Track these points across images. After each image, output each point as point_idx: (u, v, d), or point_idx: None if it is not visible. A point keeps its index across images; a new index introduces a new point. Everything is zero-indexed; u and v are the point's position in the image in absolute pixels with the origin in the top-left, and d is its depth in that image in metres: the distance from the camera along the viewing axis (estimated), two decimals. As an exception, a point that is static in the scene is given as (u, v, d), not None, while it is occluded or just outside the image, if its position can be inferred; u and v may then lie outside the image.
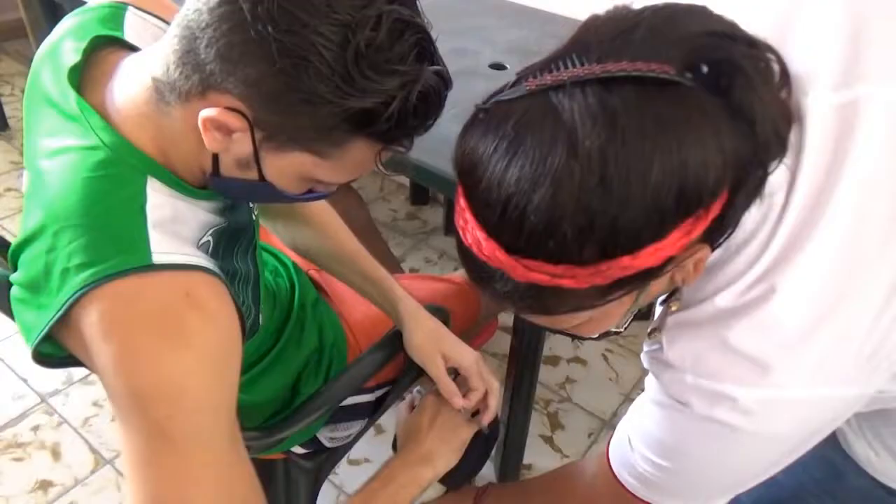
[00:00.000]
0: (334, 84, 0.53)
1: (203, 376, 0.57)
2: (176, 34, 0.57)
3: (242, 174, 0.61)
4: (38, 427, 1.48)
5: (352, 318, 1.07)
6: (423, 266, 2.01)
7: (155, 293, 0.57)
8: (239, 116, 0.55)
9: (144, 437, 0.56)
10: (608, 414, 1.60)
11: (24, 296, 0.62)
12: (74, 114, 0.62)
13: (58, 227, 0.58)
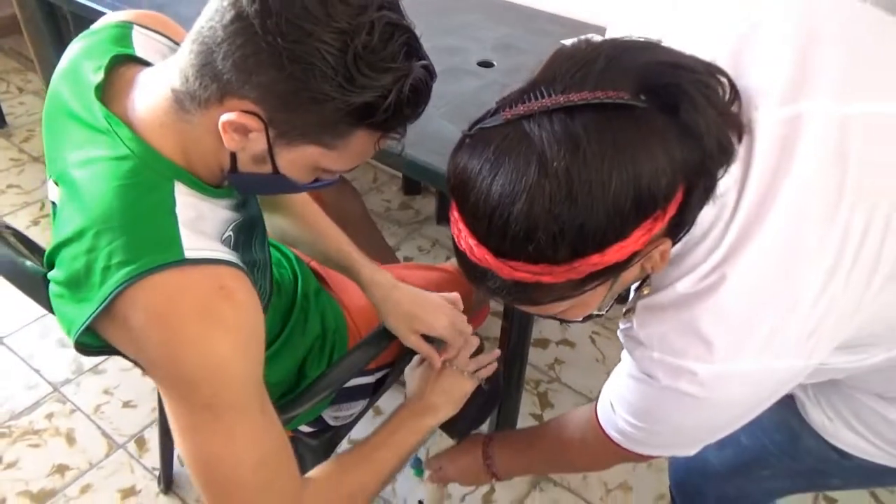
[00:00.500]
0: (337, 83, 0.60)
1: (240, 357, 0.66)
2: (192, 49, 0.64)
3: (258, 168, 0.69)
4: (52, 415, 1.55)
5: (352, 305, 1.14)
6: (417, 255, 2.08)
7: (192, 287, 0.65)
8: (255, 118, 0.63)
9: (193, 412, 0.66)
10: (595, 393, 1.67)
11: (62, 292, 0.69)
12: (102, 127, 0.69)
13: (97, 230, 0.65)
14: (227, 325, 0.65)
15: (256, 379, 0.70)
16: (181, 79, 0.66)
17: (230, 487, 0.69)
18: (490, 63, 1.49)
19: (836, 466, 0.84)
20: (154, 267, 0.63)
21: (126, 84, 0.72)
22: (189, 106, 0.66)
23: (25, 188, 2.25)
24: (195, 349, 0.64)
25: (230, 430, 0.67)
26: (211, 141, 0.67)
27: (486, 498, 1.44)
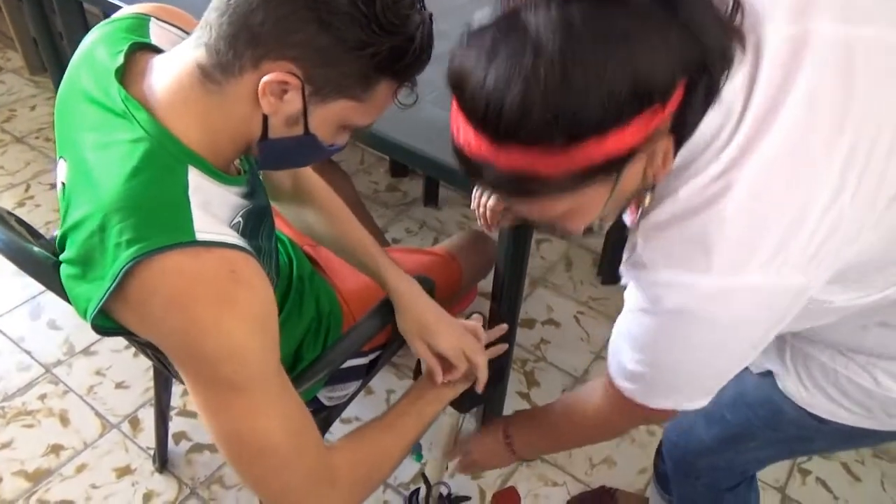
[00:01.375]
0: (371, 30, 0.66)
1: (256, 337, 0.69)
2: (222, 22, 0.68)
3: (289, 131, 0.73)
4: (45, 396, 1.56)
5: (345, 289, 1.16)
6: (405, 236, 2.10)
7: (206, 271, 0.67)
8: (294, 77, 0.68)
9: (216, 391, 0.70)
10: (580, 371, 1.73)
11: (75, 272, 0.71)
12: (119, 110, 0.71)
13: (109, 210, 0.67)
14: (241, 308, 0.68)
15: (274, 354, 0.73)
16: (210, 52, 0.69)
17: (263, 459, 0.72)
18: (479, 48, 1.50)
19: (816, 432, 0.88)
20: (165, 246, 0.65)
21: (143, 69, 0.75)
22: (220, 77, 0.70)
23: (9, 169, 2.23)
24: (213, 333, 0.66)
25: (255, 405, 0.70)
26: (242, 109, 0.71)
27: (475, 475, 1.48)
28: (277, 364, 0.74)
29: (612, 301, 1.91)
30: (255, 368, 0.70)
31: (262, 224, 0.85)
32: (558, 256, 2.08)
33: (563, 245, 2.12)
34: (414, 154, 1.18)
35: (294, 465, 0.74)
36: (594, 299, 1.93)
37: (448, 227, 2.15)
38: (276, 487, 0.74)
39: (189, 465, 1.47)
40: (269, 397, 0.72)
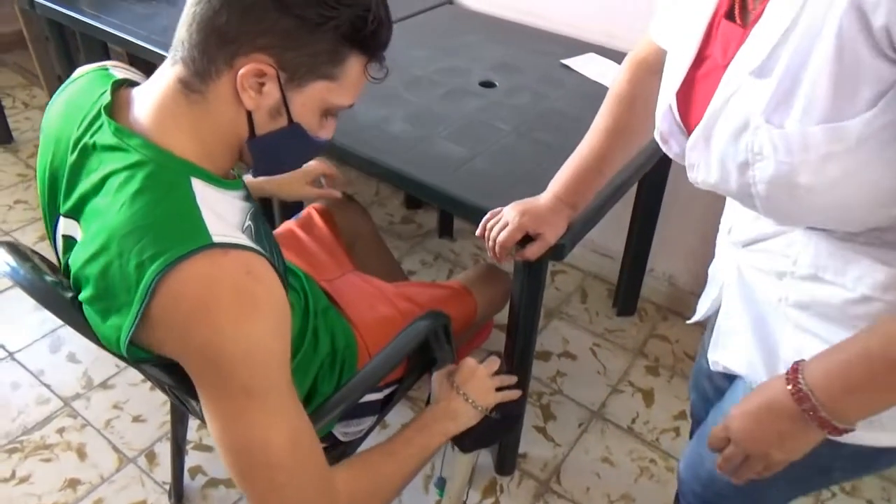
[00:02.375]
0: (328, 5, 0.71)
1: (272, 337, 0.71)
2: (190, 33, 0.73)
3: (274, 124, 0.77)
4: (63, 429, 1.57)
5: (361, 322, 1.17)
6: (419, 268, 2.11)
7: (225, 273, 0.69)
8: (267, 65, 0.72)
9: (230, 397, 0.71)
10: (597, 405, 1.71)
11: (99, 306, 0.73)
12: (110, 143, 0.74)
13: (123, 234, 0.70)
14: (260, 307, 0.70)
15: (287, 361, 0.75)
16: (187, 64, 0.74)
17: (269, 472, 0.73)
18: (492, 83, 1.53)
19: (833, 459, 0.84)
20: (186, 253, 0.67)
21: (126, 101, 0.79)
22: (200, 86, 0.74)
23: (32, 204, 2.28)
24: (232, 336, 0.68)
25: (266, 412, 0.72)
26: (226, 111, 0.75)
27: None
28: (289, 373, 0.76)
29: (627, 333, 1.90)
30: (271, 374, 0.72)
31: (263, 226, 0.87)
32: (573, 287, 2.07)
33: (579, 276, 2.11)
34: (428, 188, 1.19)
35: (298, 482, 0.75)
36: (610, 331, 1.91)
37: (463, 258, 2.15)
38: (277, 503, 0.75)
39: (205, 500, 1.46)
40: (282, 408, 0.73)
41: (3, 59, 3.10)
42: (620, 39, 1.73)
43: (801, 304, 0.78)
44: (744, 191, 0.69)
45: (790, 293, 0.79)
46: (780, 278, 0.80)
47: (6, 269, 0.78)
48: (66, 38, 2.07)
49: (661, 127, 0.79)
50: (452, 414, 1.00)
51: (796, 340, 0.81)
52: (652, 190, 1.71)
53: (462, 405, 1.01)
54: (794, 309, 0.79)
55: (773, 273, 0.81)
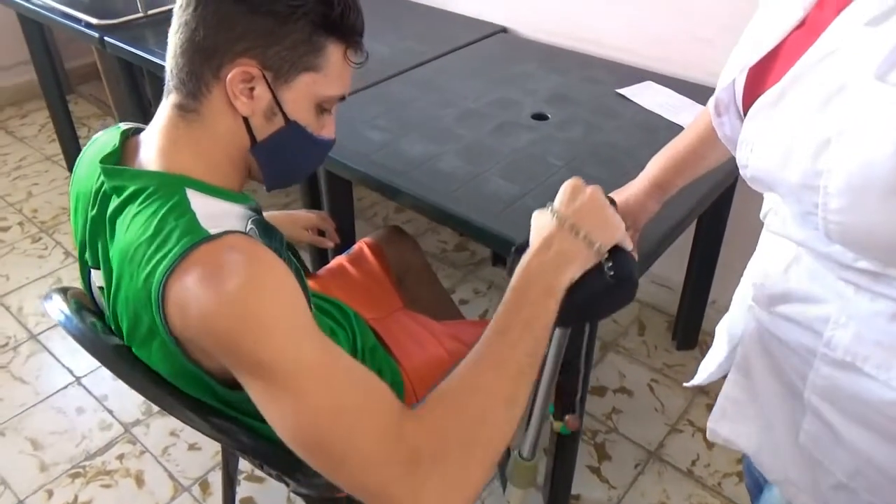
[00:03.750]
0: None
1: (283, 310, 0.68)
2: (175, 59, 0.77)
3: (272, 126, 0.80)
4: (123, 455, 1.62)
5: (409, 365, 1.15)
6: (472, 297, 2.09)
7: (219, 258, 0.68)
8: (251, 67, 0.75)
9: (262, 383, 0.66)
10: (654, 444, 1.64)
11: (137, 338, 0.75)
12: (111, 186, 0.76)
13: (131, 254, 0.71)
14: (268, 280, 0.68)
15: (305, 323, 0.68)
16: (179, 89, 0.78)
17: (323, 446, 0.65)
18: (544, 115, 1.50)
19: None
20: (184, 251, 0.68)
21: (134, 148, 0.82)
22: (194, 105, 0.77)
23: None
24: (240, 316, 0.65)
25: (298, 387, 0.65)
26: (224, 124, 0.78)
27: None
28: (311, 335, 0.68)
29: (687, 368, 1.82)
30: (289, 349, 0.65)
31: (275, 233, 0.83)
32: (630, 319, 2.01)
33: (636, 307, 2.05)
34: (477, 228, 1.17)
35: (353, 447, 0.64)
36: (669, 366, 1.84)
37: (516, 287, 2.12)
38: (355, 483, 0.65)
39: (255, 532, 1.48)
40: (311, 374, 0.65)
41: (80, 91, 3.26)
42: (679, 66, 1.68)
43: (828, 394, 0.67)
44: (808, 182, 0.54)
45: (817, 378, 0.68)
46: (807, 358, 0.68)
47: (60, 318, 0.81)
48: (135, 74, 2.16)
49: (720, 95, 0.69)
50: (562, 256, 0.71)
51: (815, 430, 0.70)
52: (715, 216, 1.65)
53: (572, 242, 0.71)
54: (818, 398, 0.68)
55: (800, 348, 0.69)
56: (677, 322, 1.92)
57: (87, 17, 1.90)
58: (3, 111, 3.11)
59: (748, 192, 0.69)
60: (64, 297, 0.84)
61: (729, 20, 1.55)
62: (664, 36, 1.68)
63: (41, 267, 2.19)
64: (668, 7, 1.65)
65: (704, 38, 1.61)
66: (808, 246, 0.66)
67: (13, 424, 1.68)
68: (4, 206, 2.47)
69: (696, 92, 1.58)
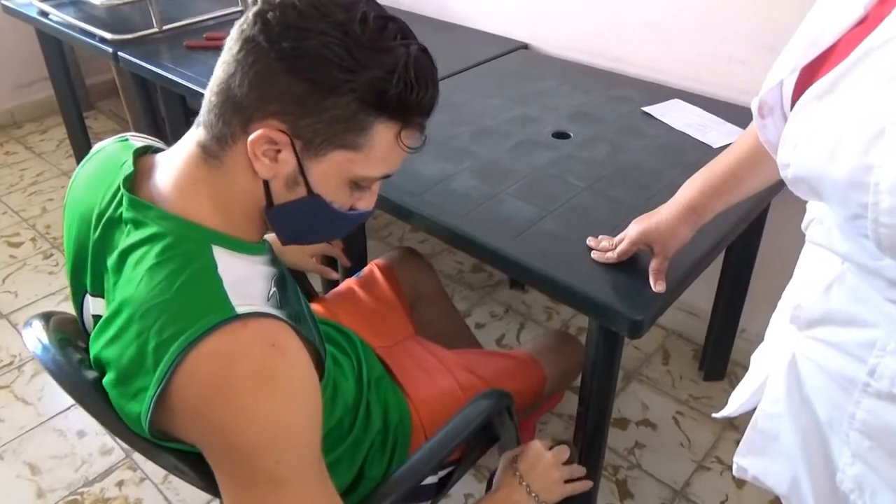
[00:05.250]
0: (345, 68, 0.64)
1: (299, 417, 0.65)
2: (211, 100, 0.69)
3: (292, 194, 0.71)
4: (122, 482, 1.56)
5: (417, 397, 1.08)
6: (489, 321, 2.02)
7: (245, 349, 0.63)
8: (280, 132, 0.66)
9: (253, 486, 0.64)
10: (680, 483, 1.55)
11: (119, 391, 0.68)
12: (130, 217, 0.70)
13: (142, 311, 0.64)
14: (283, 384, 0.64)
15: (316, 443, 0.68)
16: (206, 128, 0.70)
17: None
18: (566, 134, 1.43)
19: None
20: (207, 330, 0.62)
21: (149, 168, 0.75)
22: (217, 151, 0.70)
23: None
24: (255, 414, 0.62)
25: (292, 501, 0.65)
26: (243, 180, 0.70)
27: None
28: (318, 458, 0.69)
29: (715, 401, 1.72)
30: (296, 455, 0.65)
31: (290, 287, 0.80)
32: (655, 347, 1.92)
33: (661, 334, 1.96)
34: (491, 252, 1.10)
35: None
36: (695, 398, 1.75)
37: (534, 311, 2.04)
38: None
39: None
40: (311, 492, 0.67)
41: (100, 107, 3.27)
42: (709, 84, 1.60)
43: (871, 430, 0.61)
44: (857, 179, 0.49)
45: (858, 411, 0.61)
46: (848, 388, 0.62)
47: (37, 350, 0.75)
48: (150, 90, 2.14)
49: (765, 97, 0.63)
50: None
51: (855, 472, 0.63)
52: (746, 242, 1.56)
53: (524, 498, 0.92)
54: (860, 434, 0.62)
55: (840, 378, 0.63)
56: (705, 351, 1.82)
57: (101, 33, 1.88)
58: (23, 127, 3.12)
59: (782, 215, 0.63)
60: (45, 324, 0.79)
61: (766, 40, 1.47)
62: (697, 56, 1.61)
63: (51, 284, 2.16)
64: (704, 29, 1.58)
65: (740, 58, 1.54)
66: (853, 260, 0.59)
67: (13, 447, 1.63)
68: (19, 222, 2.45)
69: (726, 111, 1.51)
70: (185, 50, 1.81)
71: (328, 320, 1.14)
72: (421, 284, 1.37)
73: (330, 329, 1.10)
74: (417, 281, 1.37)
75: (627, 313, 0.95)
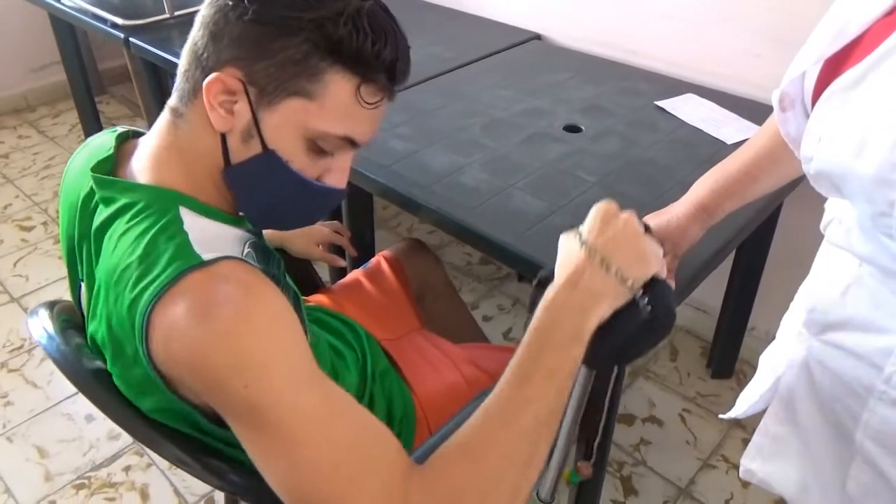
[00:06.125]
0: (294, 6, 0.65)
1: (276, 348, 0.61)
2: (182, 62, 0.71)
3: (248, 150, 0.70)
4: (129, 468, 1.57)
5: (422, 392, 1.08)
6: (496, 314, 2.01)
7: (212, 285, 0.61)
8: (234, 77, 0.67)
9: (256, 432, 0.60)
10: (685, 480, 1.54)
11: (120, 369, 0.69)
12: (101, 197, 0.71)
13: (117, 276, 0.65)
14: (260, 310, 0.61)
15: (304, 365, 0.63)
16: (176, 91, 0.72)
17: (318, 503, 0.59)
18: (577, 127, 1.42)
19: None
20: (174, 277, 0.61)
21: (129, 153, 0.76)
22: (182, 108, 0.71)
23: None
24: (230, 354, 0.59)
25: (294, 437, 0.59)
26: (204, 136, 0.70)
27: None
28: (309, 376, 0.62)
29: (722, 399, 1.71)
30: (285, 394, 0.59)
31: (272, 257, 0.77)
32: (662, 343, 1.91)
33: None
34: (499, 247, 1.09)
35: None
36: (702, 395, 1.74)
37: (543, 305, 2.03)
38: None
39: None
40: (305, 422, 0.59)
41: (113, 91, 3.27)
42: (724, 79, 1.58)
43: (884, 438, 0.59)
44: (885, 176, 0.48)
45: (872, 419, 0.60)
46: (862, 395, 0.61)
47: (42, 339, 0.75)
48: (161, 76, 2.13)
49: (787, 89, 0.61)
50: (590, 295, 0.64)
51: (866, 480, 0.62)
52: (758, 240, 1.54)
53: (603, 278, 0.64)
54: (872, 442, 0.61)
55: (855, 384, 0.62)
56: (713, 349, 1.81)
57: (113, 18, 1.88)
58: (36, 111, 3.13)
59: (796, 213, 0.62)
60: (50, 313, 0.79)
61: (784, 35, 1.45)
62: (713, 50, 1.58)
63: (61, 268, 2.16)
64: (721, 22, 1.55)
65: (756, 52, 1.51)
66: (874, 263, 0.58)
67: (21, 430, 1.65)
68: (31, 206, 2.47)
69: (740, 105, 1.48)
70: (196, 36, 1.81)
71: (334, 311, 1.13)
72: (428, 277, 1.37)
73: (335, 321, 1.10)
74: (424, 274, 1.36)
75: (635, 312, 0.94)
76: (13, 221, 2.38)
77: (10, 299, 2.04)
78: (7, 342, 1.90)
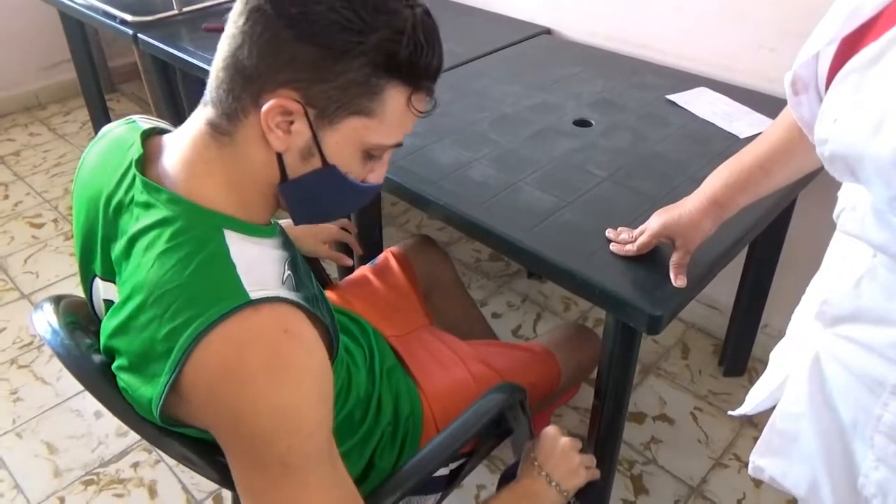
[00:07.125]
0: (355, 30, 0.63)
1: (311, 402, 0.65)
2: (218, 75, 0.67)
3: (307, 166, 0.70)
4: (137, 464, 1.57)
5: (430, 389, 1.07)
6: (506, 310, 1.99)
7: (258, 335, 0.63)
8: (293, 101, 0.65)
9: (264, 471, 0.64)
10: (696, 479, 1.52)
11: (131, 377, 0.68)
12: (142, 200, 0.69)
13: (155, 297, 0.64)
14: (295, 370, 0.63)
15: (327, 428, 0.68)
16: (215, 105, 0.69)
17: None
18: (587, 122, 1.40)
19: None
20: (222, 315, 0.61)
21: (157, 151, 0.74)
22: (228, 127, 0.68)
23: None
24: (268, 400, 0.62)
25: (304, 485, 0.65)
26: (256, 155, 0.68)
27: None
28: (331, 443, 0.69)
29: (734, 397, 1.69)
30: (308, 441, 0.65)
31: (303, 270, 0.79)
32: (674, 340, 1.88)
33: (680, 327, 1.92)
34: (508, 243, 1.07)
35: None
36: (714, 393, 1.71)
37: (552, 302, 2.02)
38: None
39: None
40: (319, 479, 0.67)
41: (123, 89, 3.28)
42: (736, 72, 1.55)
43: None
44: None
45: (886, 414, 0.59)
46: (875, 389, 0.60)
47: (47, 335, 0.75)
48: (170, 73, 2.13)
49: (800, 72, 0.60)
50: (533, 498, 0.90)
51: (879, 477, 0.61)
52: (771, 235, 1.52)
53: (544, 488, 0.91)
54: (885, 438, 0.59)
55: (868, 379, 0.60)
56: (725, 346, 1.78)
57: (122, 14, 1.87)
58: (46, 108, 3.14)
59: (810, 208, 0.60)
60: (56, 308, 0.78)
61: (797, 28, 1.42)
62: (726, 43, 1.56)
63: (72, 265, 2.17)
64: (734, 15, 1.52)
65: (770, 46, 1.49)
66: (888, 252, 0.56)
67: (31, 426, 1.65)
68: (41, 203, 2.48)
69: (753, 99, 1.46)
70: (205, 32, 1.80)
71: (341, 308, 1.13)
72: (436, 273, 1.36)
73: (343, 318, 1.09)
74: (433, 270, 1.35)
75: (646, 309, 0.93)
76: (24, 218, 2.39)
77: (20, 296, 2.05)
78: (17, 338, 1.90)
